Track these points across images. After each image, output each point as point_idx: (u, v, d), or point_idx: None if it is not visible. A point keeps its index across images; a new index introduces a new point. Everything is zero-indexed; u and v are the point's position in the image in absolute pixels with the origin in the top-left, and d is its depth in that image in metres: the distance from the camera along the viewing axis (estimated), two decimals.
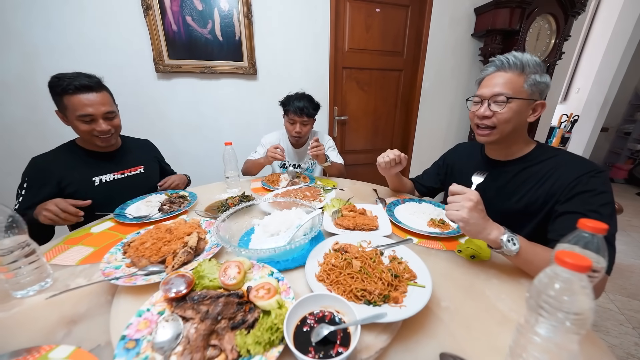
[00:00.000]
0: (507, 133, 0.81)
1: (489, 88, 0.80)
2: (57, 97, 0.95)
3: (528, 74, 0.76)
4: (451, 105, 2.55)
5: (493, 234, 0.63)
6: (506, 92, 0.76)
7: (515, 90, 0.76)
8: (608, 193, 0.69)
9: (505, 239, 0.62)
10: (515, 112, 0.77)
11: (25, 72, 1.57)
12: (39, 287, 0.61)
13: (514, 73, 0.77)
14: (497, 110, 0.78)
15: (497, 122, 0.79)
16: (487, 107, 0.80)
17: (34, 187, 0.97)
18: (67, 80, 0.93)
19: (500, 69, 0.79)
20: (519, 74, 0.76)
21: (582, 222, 0.43)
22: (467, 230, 0.64)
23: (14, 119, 1.63)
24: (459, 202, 0.64)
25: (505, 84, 0.77)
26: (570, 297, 0.33)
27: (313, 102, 1.47)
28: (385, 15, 2.14)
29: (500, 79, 0.78)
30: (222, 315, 0.46)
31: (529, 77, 0.76)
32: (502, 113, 0.78)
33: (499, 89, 0.77)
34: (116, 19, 1.60)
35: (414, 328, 0.51)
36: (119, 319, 0.51)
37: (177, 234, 0.69)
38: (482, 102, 0.82)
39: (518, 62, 0.76)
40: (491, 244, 0.65)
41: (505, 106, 0.77)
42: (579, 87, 3.67)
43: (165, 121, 1.89)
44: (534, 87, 0.76)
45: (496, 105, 0.78)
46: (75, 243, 0.80)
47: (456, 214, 0.63)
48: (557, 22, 2.12)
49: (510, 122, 0.78)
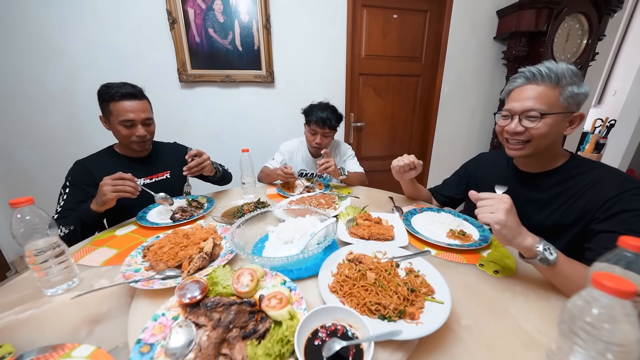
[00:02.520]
0: (542, 147, 0.75)
1: (519, 102, 0.73)
2: (104, 103, 1.04)
3: (564, 86, 0.69)
4: (472, 110, 2.46)
5: (528, 240, 0.58)
6: (539, 107, 0.70)
7: (550, 105, 0.70)
8: None
9: (542, 247, 0.58)
10: (551, 126, 0.71)
11: (68, 85, 1.71)
12: (67, 286, 0.64)
13: (547, 86, 0.70)
14: (529, 126, 0.72)
15: (532, 136, 0.73)
16: (519, 123, 0.74)
17: (77, 186, 1.04)
18: (115, 89, 1.02)
19: (531, 81, 0.72)
20: (554, 86, 0.70)
21: (623, 240, 0.39)
22: (503, 234, 0.58)
23: (57, 128, 1.78)
24: (493, 205, 0.60)
25: (537, 98, 0.71)
26: (611, 326, 0.29)
27: (336, 113, 1.43)
28: (403, 21, 2.13)
29: (532, 92, 0.71)
30: (234, 323, 0.46)
31: (565, 89, 0.69)
32: (537, 128, 0.72)
33: (531, 104, 0.71)
34: (145, 34, 1.72)
35: (431, 347, 0.48)
36: (136, 321, 0.53)
37: (193, 239, 0.71)
38: (512, 117, 0.76)
39: (552, 74, 0.69)
40: (525, 252, 0.60)
41: (539, 122, 0.71)
42: (615, 90, 3.41)
43: (187, 128, 1.98)
44: (571, 99, 0.70)
45: (528, 121, 0.72)
46: (100, 245, 0.84)
47: (492, 216, 0.59)
48: (590, 21, 1.99)
49: (547, 137, 0.73)
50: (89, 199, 0.95)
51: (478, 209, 0.63)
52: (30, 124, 1.73)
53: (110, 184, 0.89)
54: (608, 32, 2.16)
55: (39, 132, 1.76)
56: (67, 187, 1.04)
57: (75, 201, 1.00)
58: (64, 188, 1.04)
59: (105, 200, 0.90)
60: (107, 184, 0.89)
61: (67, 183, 1.04)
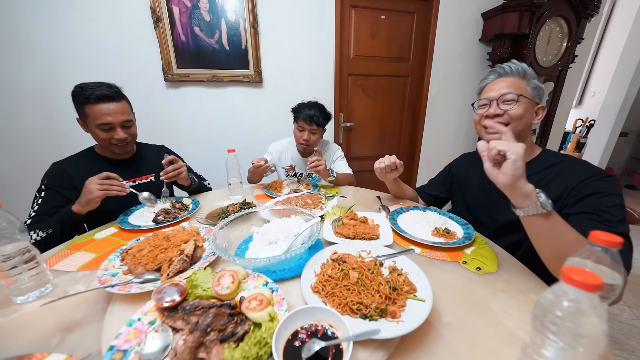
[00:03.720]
0: (518, 132, 0.80)
1: (496, 91, 0.82)
2: (80, 106, 0.98)
3: (529, 78, 0.81)
4: (459, 110, 2.50)
5: (529, 185, 0.59)
6: (514, 92, 0.79)
7: (522, 91, 0.79)
8: (618, 195, 0.67)
9: (542, 193, 0.59)
10: (525, 109, 0.79)
11: (44, 83, 1.65)
12: (39, 293, 0.61)
13: (516, 78, 0.81)
14: (506, 108, 0.80)
15: (510, 118, 0.80)
16: (497, 107, 0.81)
17: (53, 190, 0.99)
18: (89, 90, 0.96)
19: (502, 75, 0.83)
20: (521, 78, 0.81)
21: (594, 235, 0.40)
22: (516, 167, 0.56)
23: (33, 128, 1.71)
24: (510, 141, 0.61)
25: (510, 86, 0.80)
26: (579, 319, 0.30)
27: (324, 111, 1.45)
28: (391, 22, 2.15)
29: (505, 83, 0.82)
30: (212, 326, 0.45)
31: (530, 81, 0.80)
32: (513, 109, 0.79)
33: (503, 90, 0.80)
34: (128, 31, 1.67)
35: (412, 345, 0.48)
36: (111, 327, 0.51)
37: (174, 242, 0.69)
38: (490, 104, 0.83)
39: (520, 68, 0.81)
40: (523, 197, 0.59)
41: (515, 104, 0.79)
42: (594, 91, 3.54)
43: (175, 129, 1.94)
44: (535, 91, 0.80)
45: (505, 104, 0.80)
46: (78, 249, 0.81)
47: (510, 145, 0.57)
48: (569, 25, 2.07)
49: (522, 120, 0.79)
50: (66, 204, 0.91)
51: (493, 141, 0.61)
52: (4, 124, 1.65)
53: (97, 183, 0.86)
54: (586, 35, 2.24)
55: (14, 133, 1.68)
56: (43, 190, 0.98)
57: (50, 206, 0.96)
58: (39, 191, 0.99)
59: (90, 200, 0.86)
60: (94, 182, 0.86)
61: (43, 186, 0.99)
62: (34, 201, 0.98)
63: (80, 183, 1.01)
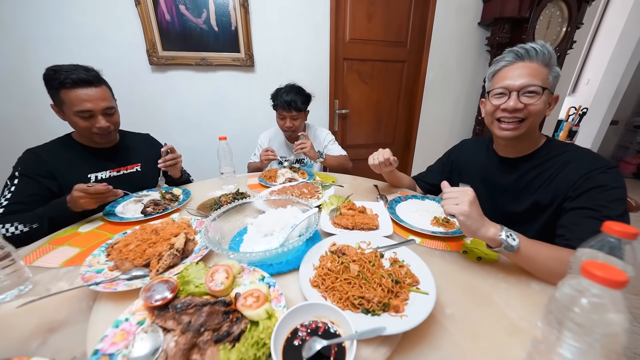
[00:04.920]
0: (534, 126, 0.75)
1: (514, 80, 0.71)
2: (54, 91, 0.89)
3: (552, 65, 0.70)
4: (456, 97, 2.46)
5: (491, 231, 0.59)
6: (538, 84, 0.69)
7: (544, 82, 0.70)
8: (620, 189, 0.65)
9: (504, 235, 0.58)
10: (545, 103, 0.71)
11: (18, 66, 1.52)
12: (18, 292, 0.57)
13: (539, 64, 0.70)
14: (528, 102, 0.71)
15: (529, 114, 0.72)
16: (517, 100, 0.71)
17: (28, 177, 0.91)
18: (64, 74, 0.87)
19: (523, 58, 0.71)
20: (545, 65, 0.70)
21: (608, 225, 0.38)
22: (467, 225, 0.60)
23: (8, 115, 1.59)
24: (458, 197, 0.61)
25: (533, 75, 0.70)
26: (600, 316, 0.28)
27: (303, 93, 1.39)
28: (388, 4, 2.05)
29: (526, 70, 0.70)
30: (206, 326, 0.42)
31: (553, 69, 0.71)
32: (535, 104, 0.70)
33: (528, 80, 0.70)
34: (108, 9, 1.55)
35: (415, 338, 0.47)
36: (97, 328, 0.48)
37: (163, 235, 0.65)
38: (510, 95, 0.73)
39: (546, 51, 0.69)
40: (489, 242, 0.61)
41: (538, 98, 0.70)
42: (588, 79, 3.54)
43: (161, 115, 1.84)
44: (555, 80, 0.71)
45: (527, 97, 0.71)
46: (61, 243, 0.77)
47: (456, 207, 0.60)
48: (570, 9, 2.02)
49: (539, 115, 0.73)
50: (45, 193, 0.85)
51: (443, 201, 0.64)
52: None
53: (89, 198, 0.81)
54: (585, 20, 2.19)
55: None
56: (16, 177, 0.90)
57: (27, 194, 0.88)
58: (11, 179, 0.90)
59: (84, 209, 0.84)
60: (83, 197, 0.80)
61: (16, 173, 0.90)
62: (4, 189, 0.89)
63: (59, 173, 0.95)
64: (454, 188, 0.64)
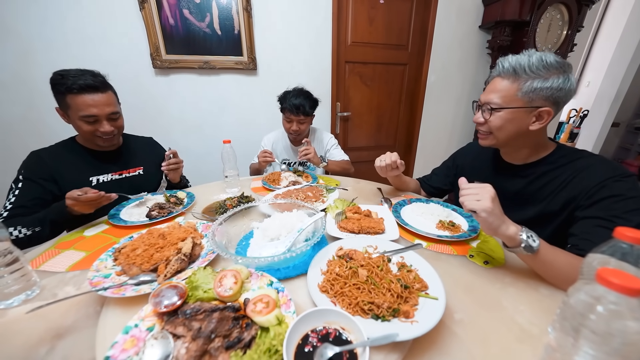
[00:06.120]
0: (503, 140, 0.77)
1: (485, 94, 0.77)
2: (60, 95, 0.90)
3: (524, 80, 0.69)
4: (457, 99, 2.47)
5: (511, 229, 0.58)
6: (495, 101, 0.73)
7: (506, 99, 0.72)
8: (637, 198, 0.62)
9: (525, 235, 0.57)
10: (506, 120, 0.73)
11: (22, 70, 1.53)
12: (25, 297, 0.57)
13: (509, 80, 0.71)
14: (487, 118, 0.76)
15: (490, 128, 0.77)
16: (480, 114, 0.78)
17: (31, 180, 0.91)
18: (71, 79, 0.87)
19: (501, 74, 0.74)
20: (512, 81, 0.71)
21: (620, 231, 0.38)
22: (489, 222, 0.58)
23: (12, 118, 1.60)
24: (479, 193, 0.60)
25: (497, 91, 0.73)
26: (618, 324, 0.28)
27: (311, 98, 1.41)
28: (390, 7, 2.07)
29: (497, 85, 0.74)
30: (216, 333, 0.42)
31: (524, 84, 0.69)
32: (491, 121, 0.76)
33: (489, 97, 0.75)
34: (112, 13, 1.56)
35: (425, 344, 0.47)
36: (105, 334, 0.47)
37: (170, 240, 0.65)
38: (479, 107, 0.80)
39: (511, 68, 0.70)
40: (509, 241, 0.60)
41: (491, 115, 0.75)
42: (589, 81, 3.54)
43: (164, 118, 1.85)
44: (532, 94, 0.68)
45: (487, 113, 0.76)
46: (66, 247, 0.76)
47: (478, 203, 0.58)
48: (570, 12, 2.03)
49: (502, 130, 0.75)
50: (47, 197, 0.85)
51: (463, 197, 0.62)
52: None
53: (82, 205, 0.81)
54: (586, 23, 2.21)
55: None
56: (20, 181, 0.90)
57: (29, 197, 0.89)
58: (16, 182, 0.90)
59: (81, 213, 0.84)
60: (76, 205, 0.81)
61: (20, 176, 0.91)
62: (9, 192, 0.90)
63: (60, 175, 0.95)
64: (473, 184, 0.63)
